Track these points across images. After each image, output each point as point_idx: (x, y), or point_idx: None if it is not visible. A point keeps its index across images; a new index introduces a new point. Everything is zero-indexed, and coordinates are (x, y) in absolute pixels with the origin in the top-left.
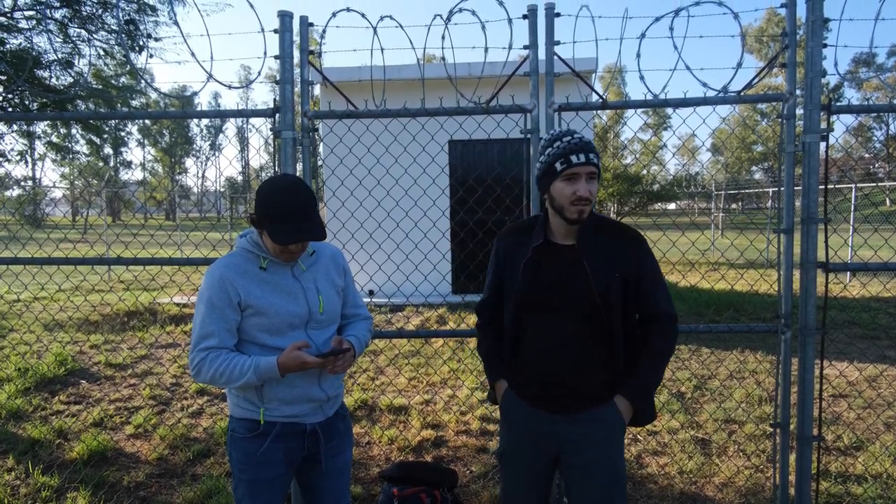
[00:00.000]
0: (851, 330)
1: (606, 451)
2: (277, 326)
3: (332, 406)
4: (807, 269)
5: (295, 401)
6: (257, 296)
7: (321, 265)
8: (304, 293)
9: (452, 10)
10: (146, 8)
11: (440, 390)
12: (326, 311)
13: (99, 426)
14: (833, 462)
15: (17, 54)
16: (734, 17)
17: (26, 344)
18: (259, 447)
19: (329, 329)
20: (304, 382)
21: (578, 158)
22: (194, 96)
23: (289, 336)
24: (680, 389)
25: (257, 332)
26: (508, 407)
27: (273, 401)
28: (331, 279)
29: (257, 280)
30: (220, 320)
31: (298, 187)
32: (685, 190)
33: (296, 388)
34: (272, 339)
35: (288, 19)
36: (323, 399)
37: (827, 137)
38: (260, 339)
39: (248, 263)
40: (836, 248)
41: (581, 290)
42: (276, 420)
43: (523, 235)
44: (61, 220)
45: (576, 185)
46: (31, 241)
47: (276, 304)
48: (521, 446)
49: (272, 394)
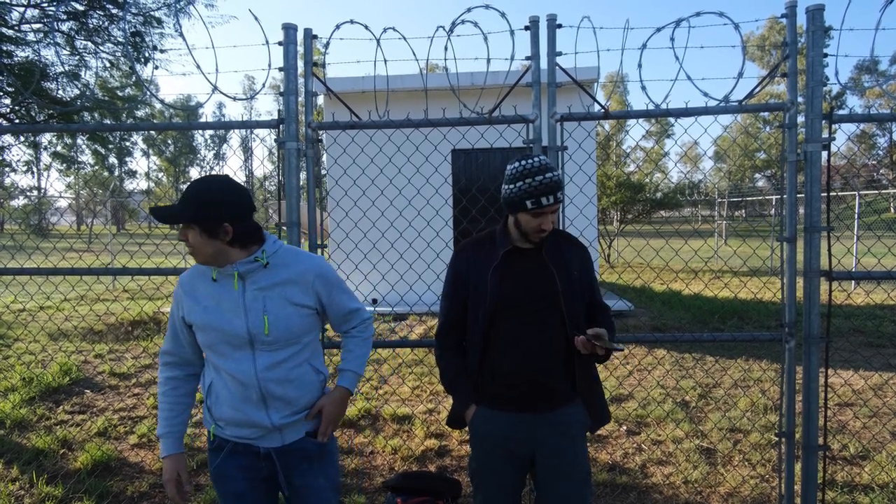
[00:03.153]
0: (856, 338)
1: (579, 450)
2: (215, 345)
3: (294, 433)
4: (810, 278)
5: (239, 424)
6: (196, 312)
7: (279, 281)
8: (245, 311)
9: (455, 21)
10: (152, 20)
11: (444, 399)
12: (274, 332)
13: (103, 436)
14: (839, 471)
15: (25, 67)
16: (735, 27)
17: (31, 353)
18: (216, 461)
19: (284, 351)
20: (247, 406)
21: (548, 200)
22: (199, 107)
23: (232, 356)
24: (684, 398)
25: (205, 349)
26: (478, 423)
27: (220, 420)
28: (287, 298)
29: (202, 296)
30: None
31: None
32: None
33: (238, 411)
34: (216, 359)
35: (292, 32)
36: (268, 427)
37: (829, 146)
38: (210, 356)
39: (197, 278)
40: (839, 257)
41: (550, 292)
42: (227, 438)
43: (484, 245)
44: (67, 229)
45: (542, 219)
46: (37, 252)
47: (212, 321)
48: (494, 463)
49: (218, 413)
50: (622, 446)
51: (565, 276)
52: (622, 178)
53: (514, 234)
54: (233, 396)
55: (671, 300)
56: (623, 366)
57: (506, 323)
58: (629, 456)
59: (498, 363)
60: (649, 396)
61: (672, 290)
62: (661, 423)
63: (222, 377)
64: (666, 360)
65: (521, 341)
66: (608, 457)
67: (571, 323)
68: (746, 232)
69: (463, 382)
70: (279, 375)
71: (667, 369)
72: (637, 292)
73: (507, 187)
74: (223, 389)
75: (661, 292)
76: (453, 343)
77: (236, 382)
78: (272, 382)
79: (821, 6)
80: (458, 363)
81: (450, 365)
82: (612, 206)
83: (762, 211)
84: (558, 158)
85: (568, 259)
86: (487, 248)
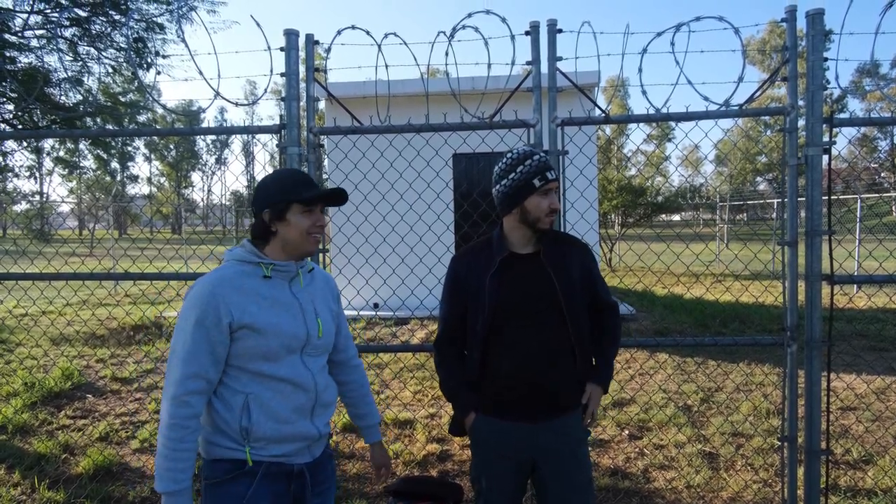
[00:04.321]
0: (859, 342)
1: (581, 456)
2: (275, 350)
3: (321, 446)
4: (811, 282)
5: (285, 439)
6: (253, 313)
7: (317, 286)
8: (303, 313)
9: (456, 26)
10: (155, 26)
11: (445, 404)
12: (324, 336)
13: (105, 441)
14: (842, 476)
15: (28, 72)
16: (735, 31)
17: (33, 358)
18: (244, 490)
19: (322, 358)
20: (297, 417)
21: (552, 175)
22: (201, 112)
23: (285, 362)
24: (686, 402)
25: (251, 358)
26: (479, 431)
27: (260, 440)
28: (327, 302)
29: (254, 295)
30: (207, 351)
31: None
32: (689, 201)
33: (287, 424)
34: (268, 366)
35: (294, 37)
36: (315, 437)
37: (829, 150)
38: (253, 366)
39: (243, 277)
40: (840, 260)
41: (549, 294)
42: (263, 460)
43: (481, 252)
44: (69, 234)
45: (550, 197)
46: (40, 257)
47: (275, 322)
48: (495, 469)
49: (260, 432)
50: (624, 451)
51: (564, 279)
52: (623, 181)
53: (514, 235)
54: (284, 407)
55: (673, 304)
56: (625, 370)
57: (505, 327)
58: (631, 460)
59: (498, 366)
60: (651, 400)
61: (673, 293)
62: (663, 427)
63: (270, 387)
64: (668, 364)
65: (520, 344)
66: (610, 461)
67: (573, 325)
68: (748, 235)
69: (463, 390)
70: (326, 381)
71: (669, 373)
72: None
73: (505, 180)
74: (272, 401)
75: (663, 296)
76: (453, 351)
77: (293, 388)
78: (322, 388)
79: (821, 10)
80: (457, 371)
81: (449, 373)
82: (613, 209)
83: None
84: (559, 163)
85: (567, 261)
86: (485, 254)
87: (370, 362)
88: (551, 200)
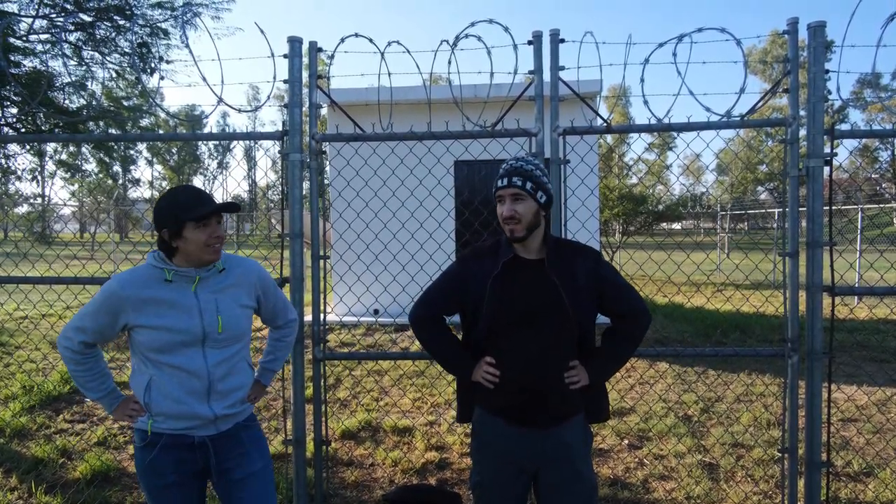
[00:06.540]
0: (859, 353)
1: (582, 465)
2: (169, 344)
3: (227, 422)
4: (812, 293)
5: (181, 416)
6: (148, 314)
7: (228, 284)
8: (201, 312)
9: (459, 35)
10: (159, 32)
11: (445, 412)
12: (226, 330)
13: (103, 445)
14: (843, 488)
15: (32, 76)
16: (736, 43)
17: (32, 362)
18: (148, 455)
19: (230, 349)
20: (192, 399)
21: (502, 182)
22: (204, 117)
23: (182, 353)
24: (687, 413)
25: (149, 349)
26: (484, 428)
27: (160, 415)
28: (237, 299)
29: (155, 297)
30: (98, 327)
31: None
32: (690, 210)
33: (182, 404)
34: (164, 357)
35: (297, 45)
36: (210, 417)
37: (830, 161)
38: (153, 355)
39: (150, 280)
40: (842, 272)
41: (552, 300)
42: (163, 431)
43: (487, 256)
44: (70, 237)
45: (502, 206)
46: (40, 260)
47: (168, 323)
48: (497, 475)
49: (158, 408)
50: (624, 461)
51: (568, 286)
52: (624, 190)
53: None
54: (178, 390)
55: (673, 313)
56: (625, 379)
57: (506, 332)
58: (631, 471)
59: (502, 373)
60: (651, 410)
61: (674, 303)
62: (663, 437)
63: (166, 373)
64: (668, 374)
65: (521, 350)
66: (610, 471)
67: (578, 331)
68: (749, 245)
69: (458, 351)
70: (225, 370)
71: (669, 383)
72: None
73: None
74: (167, 384)
75: (664, 305)
76: (433, 324)
77: (185, 375)
78: (218, 376)
79: (822, 23)
80: (444, 337)
81: (439, 341)
82: (613, 218)
83: (764, 224)
84: (561, 172)
85: (573, 268)
86: (490, 258)
87: (369, 369)
88: (502, 209)
